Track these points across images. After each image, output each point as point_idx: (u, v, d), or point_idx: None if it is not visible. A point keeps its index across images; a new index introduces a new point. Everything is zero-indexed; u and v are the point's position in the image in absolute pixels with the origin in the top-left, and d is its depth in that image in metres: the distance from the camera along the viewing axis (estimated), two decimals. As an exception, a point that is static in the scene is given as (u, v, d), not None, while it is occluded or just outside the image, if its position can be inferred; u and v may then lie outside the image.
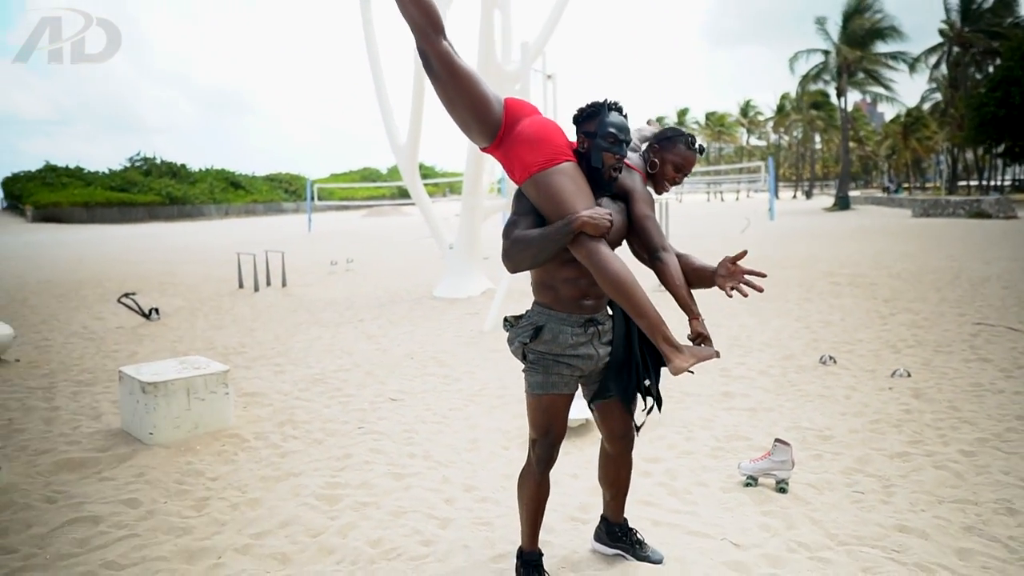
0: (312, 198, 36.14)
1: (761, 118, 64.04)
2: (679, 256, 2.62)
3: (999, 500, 3.32)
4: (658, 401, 2.83)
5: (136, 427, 4.70)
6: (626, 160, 2.65)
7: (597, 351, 2.63)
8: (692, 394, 5.30)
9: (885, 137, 62.24)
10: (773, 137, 65.77)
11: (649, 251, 2.56)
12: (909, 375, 5.49)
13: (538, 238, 2.39)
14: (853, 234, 19.37)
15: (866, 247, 15.35)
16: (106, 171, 53.93)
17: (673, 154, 2.64)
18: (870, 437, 4.25)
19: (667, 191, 2.73)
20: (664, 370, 2.68)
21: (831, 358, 5.99)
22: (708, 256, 2.88)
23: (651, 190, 2.71)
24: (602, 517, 3.04)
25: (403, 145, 10.48)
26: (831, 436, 4.29)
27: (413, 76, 9.89)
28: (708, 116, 67.40)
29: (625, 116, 2.57)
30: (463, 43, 9.90)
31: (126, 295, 10.34)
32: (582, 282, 2.55)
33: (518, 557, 2.78)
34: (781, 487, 3.54)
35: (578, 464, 4.05)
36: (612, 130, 2.49)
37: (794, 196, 61.39)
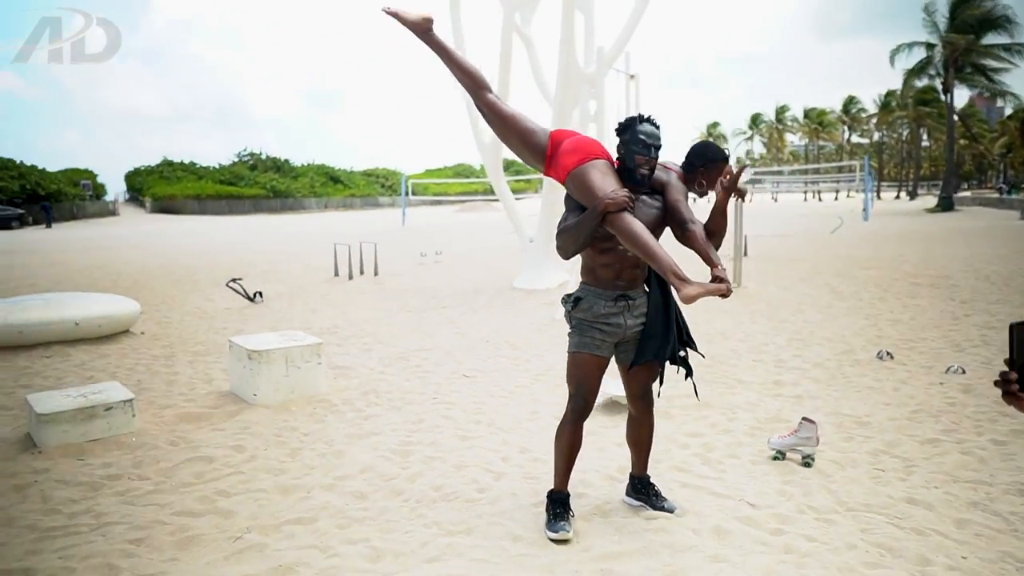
0: (406, 193, 37.48)
1: (864, 115, 61.35)
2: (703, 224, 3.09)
3: (1014, 482, 3.52)
4: (688, 369, 3.40)
5: (242, 389, 5.44)
6: (666, 164, 3.22)
7: (626, 322, 3.15)
8: (744, 382, 5.59)
9: (1000, 134, 58.43)
10: (877, 135, 62.89)
11: (680, 224, 3.05)
12: (964, 372, 5.58)
13: (575, 225, 2.97)
14: (948, 236, 18.62)
15: (958, 249, 14.82)
16: (216, 166, 57.52)
17: (707, 166, 3.15)
18: (906, 424, 4.46)
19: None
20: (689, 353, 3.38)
21: (888, 353, 6.12)
22: (792, 260, 3.25)
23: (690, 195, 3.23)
24: (630, 475, 3.48)
25: (488, 144, 11.04)
26: (868, 422, 4.52)
27: (497, 76, 10.42)
28: (807, 113, 65.16)
29: (657, 127, 3.11)
30: (546, 45, 10.37)
31: (234, 280, 11.39)
32: (616, 266, 3.11)
33: (548, 495, 3.25)
34: (806, 462, 3.84)
35: (623, 435, 4.45)
36: (643, 137, 3.05)
37: (897, 196, 58.61)
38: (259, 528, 3.32)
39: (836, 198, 55.20)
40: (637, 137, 3.03)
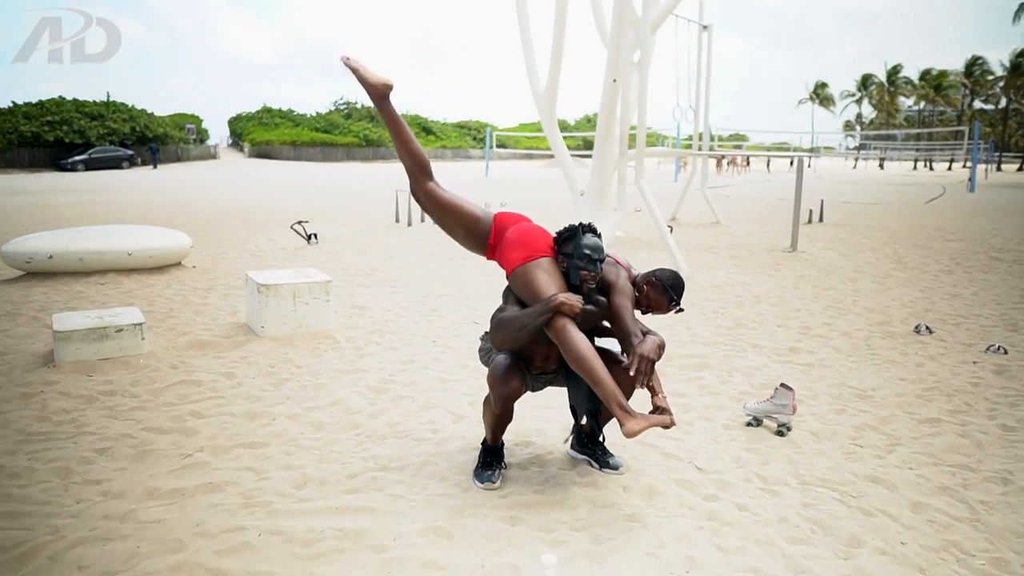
0: (491, 146, 37.48)
1: (990, 78, 55.90)
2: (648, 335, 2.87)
3: (1000, 471, 3.19)
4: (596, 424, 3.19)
5: (253, 321, 5.63)
6: (616, 259, 3.08)
7: (542, 382, 3.12)
8: (758, 346, 5.31)
9: None
10: (1004, 101, 57.30)
11: (622, 338, 2.87)
12: (1006, 352, 5.09)
13: (518, 319, 2.80)
14: (1063, 210, 16.96)
15: (1066, 224, 13.49)
16: (313, 113, 59.10)
17: (657, 297, 3.01)
18: (911, 402, 4.12)
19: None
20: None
21: (928, 328, 5.66)
22: (870, 228, 3.05)
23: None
24: (578, 424, 3.36)
25: (542, 94, 10.81)
26: (870, 396, 4.21)
27: (553, 23, 10.12)
28: (923, 74, 60.02)
29: (599, 236, 2.95)
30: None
31: (299, 222, 11.75)
32: (540, 356, 2.99)
33: (482, 443, 3.19)
34: (780, 431, 3.62)
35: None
36: (587, 251, 2.88)
37: (1019, 168, 53.62)
38: (211, 448, 3.45)
39: (949, 167, 51.15)
40: (581, 251, 2.85)
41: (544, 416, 3.89)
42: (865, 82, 64.11)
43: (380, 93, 3.00)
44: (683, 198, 14.57)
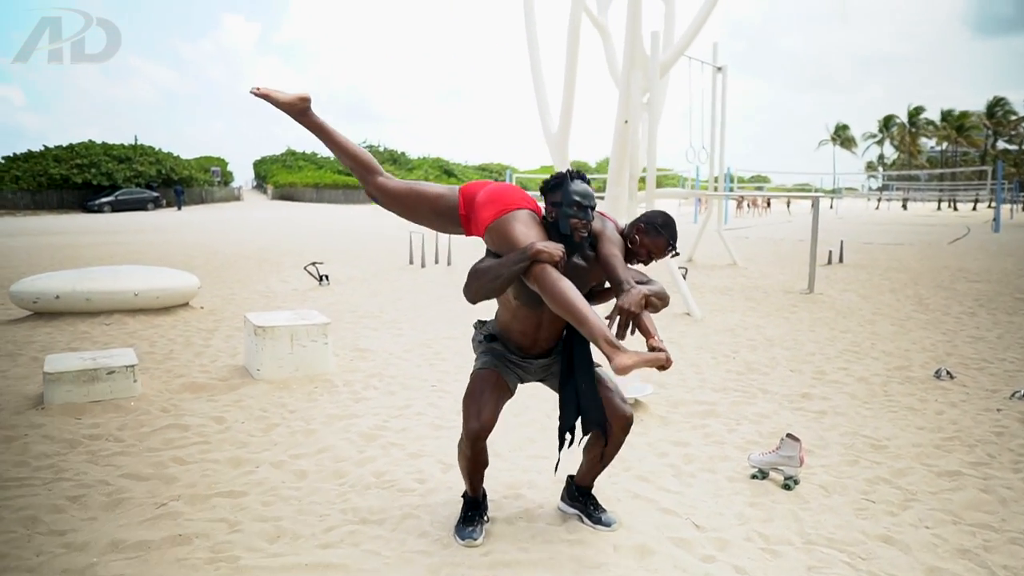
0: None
1: (1013, 118, 55.45)
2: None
3: (1026, 530, 2.95)
4: (563, 439, 2.94)
5: (250, 364, 5.53)
6: (602, 213, 2.88)
7: (533, 367, 2.92)
8: (769, 392, 5.09)
9: None
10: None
11: (614, 285, 2.67)
12: (1032, 400, 4.83)
13: (493, 267, 2.60)
14: (1093, 251, 16.51)
15: (1096, 266, 13.09)
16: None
17: (651, 240, 2.80)
18: (930, 453, 3.88)
19: (634, 263, 2.86)
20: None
21: (948, 373, 5.40)
22: (891, 269, 2.91)
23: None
24: (569, 476, 3.19)
25: (554, 133, 10.80)
26: (885, 447, 3.97)
27: (564, 64, 10.15)
28: (945, 115, 59.69)
29: (588, 183, 2.76)
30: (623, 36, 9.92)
31: (312, 264, 11.75)
32: (530, 336, 2.84)
33: (463, 496, 3.03)
34: (787, 484, 3.41)
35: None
36: (576, 198, 2.67)
37: (1051, 209, 52.69)
38: (188, 497, 3.31)
39: (974, 207, 50.43)
40: (571, 198, 2.66)
41: (538, 466, 3.71)
42: (887, 123, 63.97)
43: (298, 109, 2.83)
44: (699, 239, 14.41)
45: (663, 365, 2.46)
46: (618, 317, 2.51)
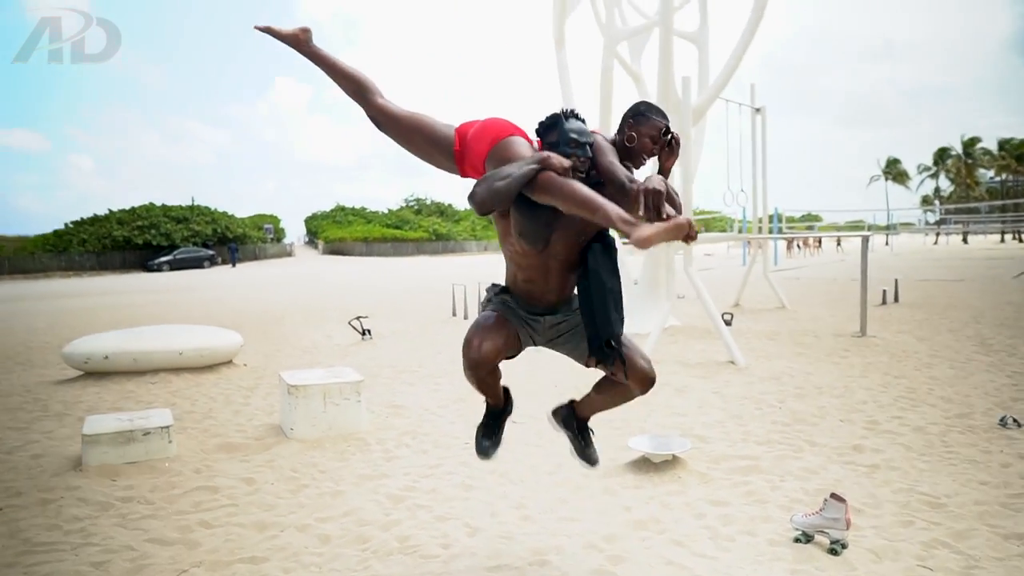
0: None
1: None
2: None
3: (1105, 601, 2.66)
4: (616, 358, 2.80)
5: (284, 423, 5.52)
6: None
7: (544, 324, 2.85)
8: (817, 444, 4.83)
9: None
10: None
11: (619, 187, 2.54)
12: (1109, 449, 4.46)
13: (505, 167, 2.49)
14: None
15: None
16: (385, 211, 61.49)
17: (645, 130, 2.69)
18: (995, 512, 3.58)
19: (644, 164, 2.76)
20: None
21: (1015, 420, 5.05)
22: (951, 307, 2.79)
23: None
24: (572, 402, 3.15)
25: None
26: (944, 505, 3.68)
27: (599, 112, 10.18)
28: (1003, 144, 57.90)
29: (583, 121, 2.69)
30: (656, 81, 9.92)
31: (356, 318, 11.86)
32: (536, 284, 2.76)
33: (486, 404, 3.06)
34: (833, 548, 3.17)
35: (645, 503, 3.97)
36: (573, 135, 2.60)
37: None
38: (210, 563, 3.26)
39: (1044, 240, 48.42)
40: (567, 136, 2.58)
41: (567, 530, 3.56)
42: (941, 155, 62.33)
43: (301, 39, 2.88)
44: (745, 283, 14.08)
45: (688, 234, 2.25)
46: (642, 199, 2.30)
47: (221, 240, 43.26)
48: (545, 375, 7.36)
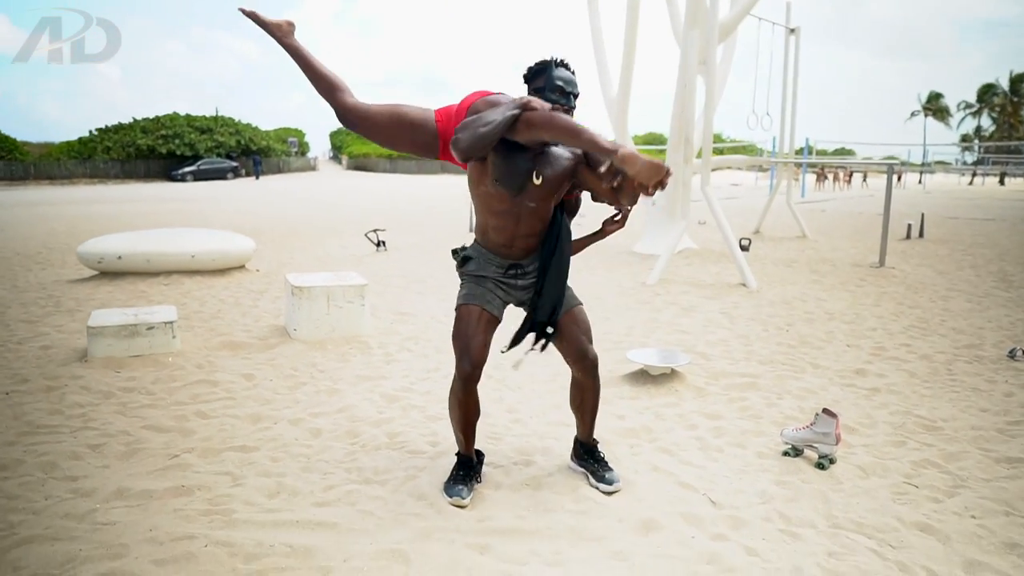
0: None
1: None
2: None
3: (1090, 524, 2.62)
4: (544, 335, 2.85)
5: (288, 324, 5.56)
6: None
7: (517, 285, 2.85)
8: (820, 367, 4.77)
9: None
10: None
11: (593, 146, 2.43)
12: (1119, 384, 4.35)
13: (487, 117, 2.49)
14: None
15: None
16: (409, 128, 60.62)
17: (552, 83, 2.64)
18: (991, 437, 3.52)
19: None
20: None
21: (1025, 353, 4.94)
22: (977, 245, 2.67)
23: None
24: (575, 438, 3.13)
25: (614, 99, 10.46)
26: (939, 428, 3.63)
27: (625, 25, 9.76)
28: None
29: (572, 72, 2.69)
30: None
31: (373, 231, 11.84)
32: (508, 231, 2.74)
33: (456, 456, 2.96)
34: (820, 463, 3.14)
35: (640, 410, 3.96)
36: (559, 83, 2.63)
37: None
38: (201, 450, 3.32)
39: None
40: (553, 83, 2.61)
41: (556, 433, 3.57)
42: (985, 92, 59.56)
43: (284, 31, 2.86)
44: (767, 210, 13.78)
45: (662, 179, 2.15)
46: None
47: (245, 152, 43.10)
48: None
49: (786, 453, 3.28)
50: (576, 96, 2.65)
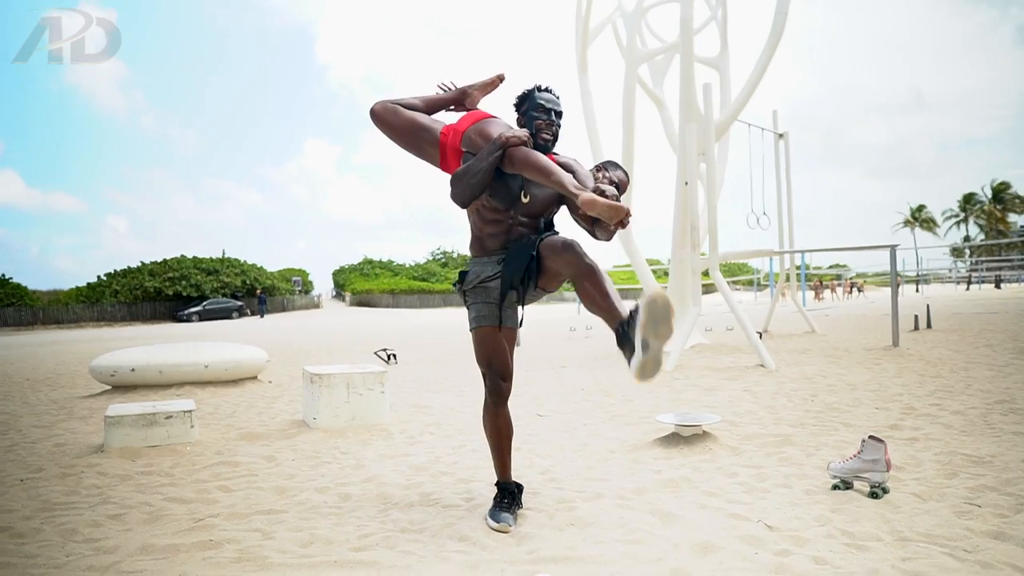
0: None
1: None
2: None
3: None
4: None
5: (307, 414, 5.47)
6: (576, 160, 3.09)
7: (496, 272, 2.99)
8: (852, 425, 4.66)
9: None
10: None
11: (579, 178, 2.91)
12: None
13: (473, 163, 2.80)
14: None
15: None
16: (411, 263, 62.03)
17: (535, 103, 2.95)
18: (1045, 466, 3.39)
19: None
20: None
21: (1060, 404, 4.83)
22: (986, 331, 2.75)
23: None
24: (614, 330, 2.97)
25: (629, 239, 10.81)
26: (988, 462, 3.50)
27: (622, 133, 10.28)
28: (1034, 190, 57.03)
29: (556, 96, 3.00)
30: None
31: (382, 349, 11.88)
32: (502, 236, 2.95)
33: (496, 484, 2.96)
34: (874, 492, 3.01)
35: (675, 469, 3.84)
36: (541, 102, 2.93)
37: None
38: (228, 515, 3.19)
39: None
40: (536, 103, 2.92)
41: (595, 488, 3.43)
42: (967, 201, 61.45)
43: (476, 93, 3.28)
44: (772, 311, 13.86)
45: (622, 220, 2.46)
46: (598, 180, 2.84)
47: (250, 292, 43.84)
48: (571, 379, 7.25)
49: (835, 487, 3.15)
50: (559, 114, 2.95)
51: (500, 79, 3.28)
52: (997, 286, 47.89)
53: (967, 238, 64.36)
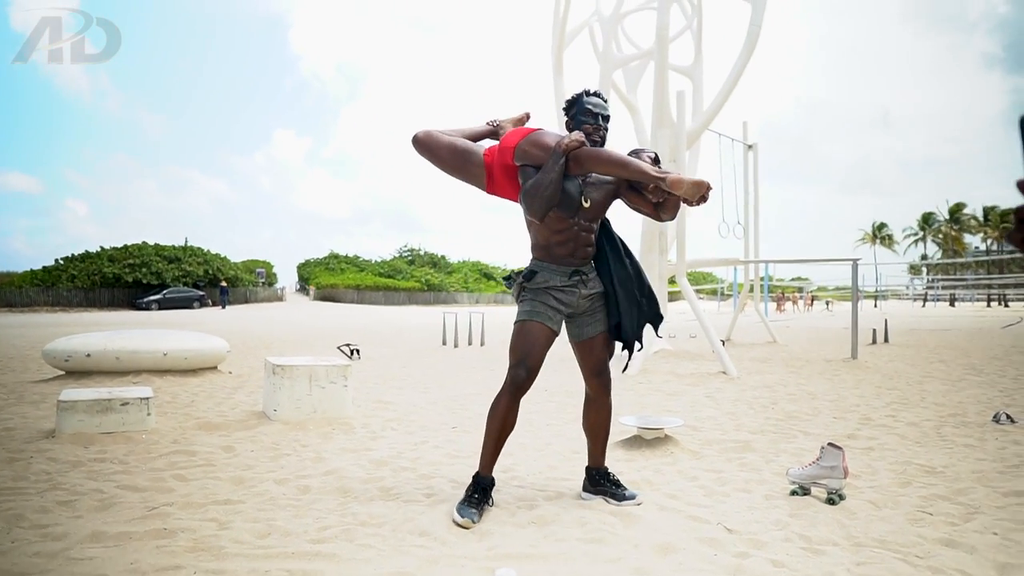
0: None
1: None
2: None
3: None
4: (630, 345, 3.18)
5: (267, 405, 5.39)
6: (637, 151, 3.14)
7: (580, 296, 3.05)
8: (810, 433, 4.74)
9: None
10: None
11: (643, 175, 2.86)
12: (1106, 438, 4.38)
13: (540, 176, 2.84)
14: None
15: None
16: (378, 259, 61.53)
17: (583, 108, 3.03)
18: (992, 477, 3.49)
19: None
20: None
21: (1009, 417, 4.98)
22: (941, 346, 2.80)
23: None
24: (586, 468, 3.20)
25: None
26: (940, 472, 3.60)
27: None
28: (988, 211, 58.82)
29: (604, 100, 3.08)
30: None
31: (346, 344, 11.77)
32: (570, 244, 3.03)
33: (474, 477, 2.95)
34: (831, 498, 3.07)
35: (638, 469, 3.86)
36: (589, 107, 3.01)
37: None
38: (183, 504, 3.11)
39: (1031, 305, 48.72)
40: (584, 107, 2.99)
41: (557, 486, 3.43)
42: (926, 220, 63.13)
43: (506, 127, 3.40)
44: (735, 321, 14.07)
45: (703, 195, 2.61)
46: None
47: (212, 282, 43.03)
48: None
49: (794, 492, 3.20)
50: (606, 118, 3.03)
51: (527, 116, 3.43)
52: (951, 304, 49.31)
53: (924, 256, 66.14)
